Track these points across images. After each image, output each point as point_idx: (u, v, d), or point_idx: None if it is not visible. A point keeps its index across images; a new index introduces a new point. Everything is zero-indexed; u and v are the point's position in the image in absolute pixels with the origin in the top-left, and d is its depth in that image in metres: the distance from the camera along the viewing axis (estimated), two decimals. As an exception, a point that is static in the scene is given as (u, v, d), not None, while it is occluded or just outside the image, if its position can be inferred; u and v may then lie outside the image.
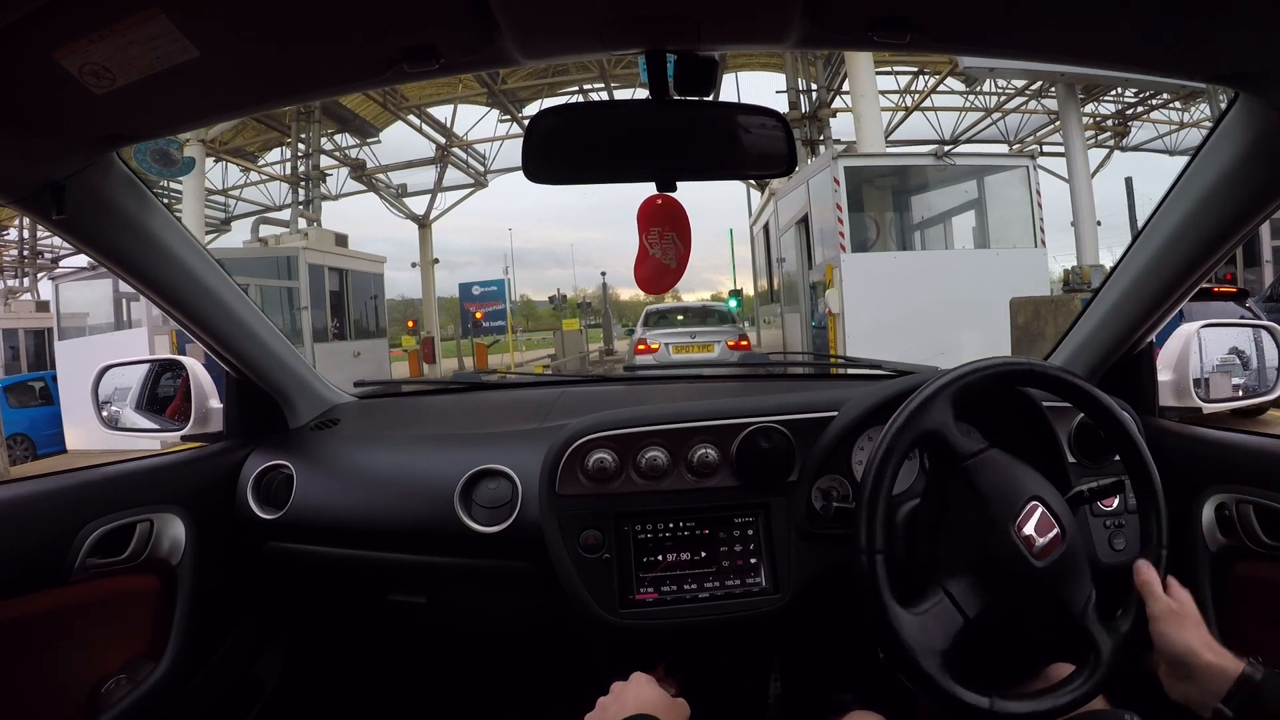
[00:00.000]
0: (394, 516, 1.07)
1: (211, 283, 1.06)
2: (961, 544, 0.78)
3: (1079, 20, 0.64)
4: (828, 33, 0.68)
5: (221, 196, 15.52)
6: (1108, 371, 1.08)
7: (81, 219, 0.86)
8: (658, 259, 0.84)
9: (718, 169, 0.82)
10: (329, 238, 10.39)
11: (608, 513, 0.99)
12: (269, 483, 1.14)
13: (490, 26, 0.63)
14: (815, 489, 0.98)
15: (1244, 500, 0.89)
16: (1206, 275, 0.92)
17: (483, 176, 16.50)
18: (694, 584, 0.98)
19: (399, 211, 15.87)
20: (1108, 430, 0.84)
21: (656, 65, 0.71)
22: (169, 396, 1.26)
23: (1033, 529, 0.75)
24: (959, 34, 0.69)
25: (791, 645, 1.19)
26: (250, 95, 0.77)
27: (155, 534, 1.03)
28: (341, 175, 14.94)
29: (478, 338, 17.34)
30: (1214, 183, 0.83)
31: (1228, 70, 0.70)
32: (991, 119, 14.35)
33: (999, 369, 0.82)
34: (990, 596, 0.75)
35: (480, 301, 18.00)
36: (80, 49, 0.61)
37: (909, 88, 14.04)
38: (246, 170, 14.96)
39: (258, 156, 14.77)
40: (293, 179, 12.80)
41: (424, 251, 16.68)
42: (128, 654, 1.01)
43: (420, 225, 16.41)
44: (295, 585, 1.20)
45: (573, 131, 0.76)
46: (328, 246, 10.16)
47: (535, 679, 1.34)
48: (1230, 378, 1.12)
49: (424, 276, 16.84)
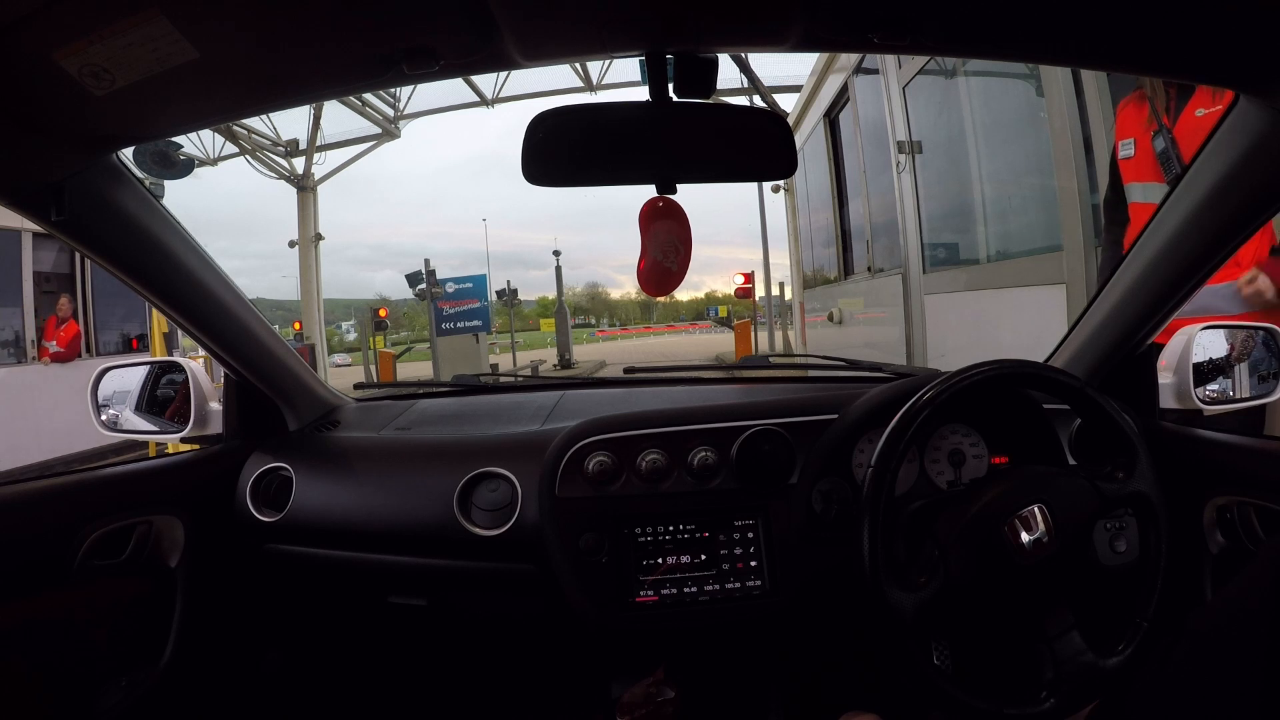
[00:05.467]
0: (393, 519, 1.06)
1: (211, 284, 1.06)
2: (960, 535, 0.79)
3: (1080, 21, 0.64)
4: (827, 34, 0.68)
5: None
6: (1108, 373, 1.08)
7: (81, 220, 0.86)
8: (658, 261, 0.84)
9: (718, 171, 0.82)
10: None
11: (607, 515, 0.99)
12: (268, 485, 1.14)
13: (490, 28, 0.63)
14: (815, 491, 0.98)
15: (1245, 502, 0.89)
16: (1207, 277, 0.92)
17: (393, 124, 12.87)
18: (694, 586, 0.98)
19: (272, 173, 12.50)
20: (1107, 433, 0.84)
21: (656, 66, 0.71)
22: (169, 398, 1.26)
23: (1025, 530, 0.76)
24: (959, 35, 0.69)
25: (791, 647, 1.18)
26: (250, 97, 0.77)
27: (154, 536, 1.03)
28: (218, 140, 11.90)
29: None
30: (1215, 184, 0.83)
31: (1228, 70, 0.70)
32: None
33: (998, 372, 0.82)
34: (974, 582, 0.77)
35: (455, 299, 14.72)
36: (80, 50, 0.61)
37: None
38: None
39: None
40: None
41: (303, 224, 12.53)
42: (126, 656, 1.01)
43: (299, 188, 12.59)
44: (294, 588, 1.20)
45: (572, 133, 0.76)
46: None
47: (535, 681, 1.34)
48: (1231, 379, 1.12)
49: (302, 259, 12.65)
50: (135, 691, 0.99)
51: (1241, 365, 1.12)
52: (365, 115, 12.44)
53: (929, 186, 3.49)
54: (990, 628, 0.89)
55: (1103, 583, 0.93)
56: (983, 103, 2.98)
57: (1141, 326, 1.02)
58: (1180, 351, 1.07)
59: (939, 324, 3.45)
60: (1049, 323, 2.42)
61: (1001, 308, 2.85)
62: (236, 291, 1.11)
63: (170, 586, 1.05)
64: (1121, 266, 1.02)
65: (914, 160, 3.52)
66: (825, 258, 5.59)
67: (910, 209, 3.57)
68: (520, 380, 2.89)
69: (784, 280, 15.11)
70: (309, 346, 11.53)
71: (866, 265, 4.35)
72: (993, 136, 2.95)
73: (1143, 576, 0.81)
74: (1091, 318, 1.09)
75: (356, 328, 24.67)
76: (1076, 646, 0.77)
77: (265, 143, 12.40)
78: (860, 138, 4.26)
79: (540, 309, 54.35)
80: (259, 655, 1.25)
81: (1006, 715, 0.74)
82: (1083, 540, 0.80)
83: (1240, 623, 0.50)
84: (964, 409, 1.03)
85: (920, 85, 3.46)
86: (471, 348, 13.88)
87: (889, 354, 3.86)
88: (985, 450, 1.03)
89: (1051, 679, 0.76)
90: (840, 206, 4.96)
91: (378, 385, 4.47)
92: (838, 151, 4.91)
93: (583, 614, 0.97)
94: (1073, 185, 2.37)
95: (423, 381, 2.11)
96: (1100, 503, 0.80)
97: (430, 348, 14.33)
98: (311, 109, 11.63)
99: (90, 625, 0.96)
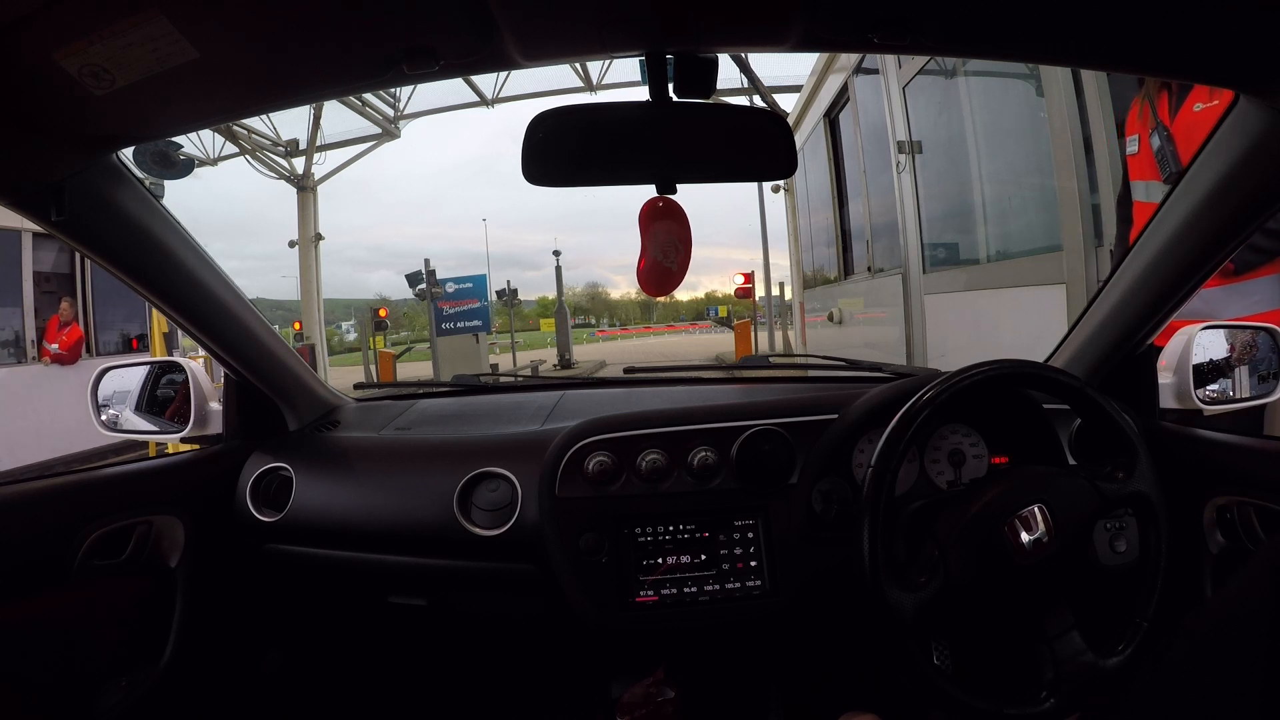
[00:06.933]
0: (393, 519, 1.06)
1: (211, 284, 1.06)
2: (960, 535, 0.79)
3: (1080, 21, 0.64)
4: (827, 34, 0.68)
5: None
6: (1108, 373, 1.08)
7: (81, 220, 0.86)
8: (658, 261, 0.84)
9: (718, 171, 0.82)
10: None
11: (607, 515, 0.99)
12: (268, 485, 1.14)
13: (490, 28, 0.63)
14: (815, 491, 0.98)
15: (1245, 502, 0.89)
16: (1207, 277, 0.92)
17: (393, 124, 12.83)
18: (694, 586, 0.98)
19: (272, 173, 12.51)
20: (1107, 433, 0.84)
21: (656, 67, 0.71)
22: (169, 398, 1.25)
23: (1025, 530, 0.76)
24: (959, 35, 0.69)
25: (791, 647, 1.18)
26: (250, 97, 0.77)
27: (154, 536, 1.03)
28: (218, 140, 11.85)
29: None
30: (1215, 184, 0.83)
31: (1228, 70, 0.70)
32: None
33: (998, 372, 0.82)
34: (973, 581, 0.77)
35: (455, 299, 14.63)
36: (80, 50, 0.61)
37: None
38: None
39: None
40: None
41: (303, 224, 12.56)
42: (126, 656, 1.01)
43: (299, 188, 12.62)
44: (294, 588, 1.20)
45: (572, 133, 0.76)
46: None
47: (535, 681, 1.34)
48: (1231, 379, 1.12)
49: (302, 259, 12.65)
50: (135, 691, 0.99)
51: (1241, 365, 1.12)
52: (365, 115, 12.38)
53: (929, 186, 3.49)
54: (990, 628, 0.89)
55: (1103, 583, 0.93)
56: (983, 103, 2.98)
57: (1141, 326, 1.02)
58: (1180, 351, 1.07)
59: (939, 324, 3.46)
60: (1049, 323, 2.42)
61: (1001, 308, 2.86)
62: (236, 291, 1.11)
63: (170, 586, 1.05)
64: (1121, 267, 1.02)
65: (914, 160, 3.52)
66: (825, 258, 5.59)
67: (910, 209, 3.57)
68: (520, 380, 2.89)
69: (784, 280, 15.13)
70: (309, 346, 11.51)
71: (866, 265, 4.35)
72: (993, 136, 2.96)
73: (1143, 576, 0.81)
74: (1091, 318, 1.09)
75: (356, 328, 24.65)
76: (1076, 646, 0.77)
77: (265, 143, 12.34)
78: (860, 138, 4.25)
79: (540, 309, 54.37)
80: (259, 655, 1.25)
81: (1006, 715, 0.74)
82: (1083, 540, 0.80)
83: (1240, 622, 0.50)
84: (964, 409, 1.03)
85: (920, 85, 3.46)
86: (471, 348, 13.86)
87: (889, 354, 3.84)
88: (985, 450, 1.03)
89: (1051, 679, 0.76)
90: (840, 206, 4.95)
91: (378, 385, 4.47)
92: (838, 151, 4.90)
93: (583, 614, 0.97)
94: (1073, 185, 2.39)
95: (423, 381, 2.11)
96: (1100, 503, 0.80)
97: (430, 348, 14.34)
98: (311, 109, 11.60)
99: (90, 625, 0.96)
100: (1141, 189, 1.92)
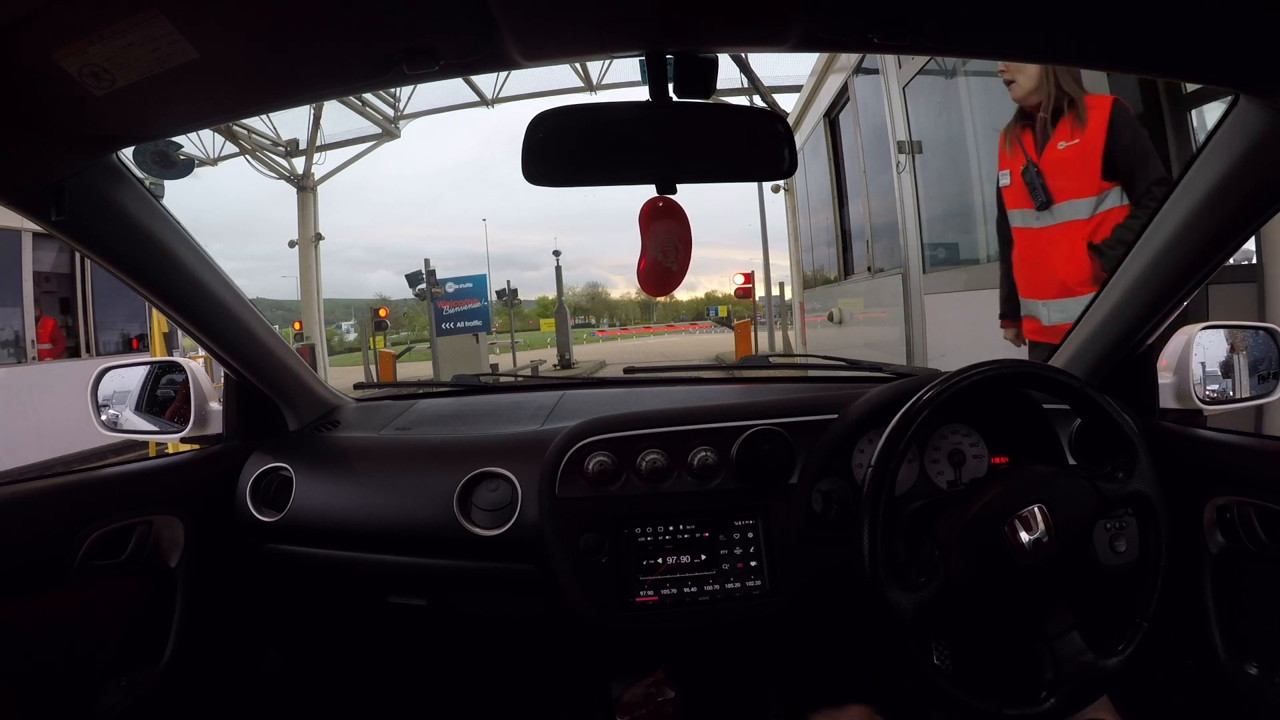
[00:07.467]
0: (393, 519, 1.06)
1: (211, 284, 1.06)
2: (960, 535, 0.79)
3: (1080, 22, 0.64)
4: (827, 34, 0.68)
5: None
6: (1108, 373, 1.08)
7: (81, 220, 0.86)
8: (658, 261, 0.84)
9: (718, 171, 0.82)
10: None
11: (607, 515, 0.99)
12: (268, 485, 1.14)
13: (490, 28, 0.63)
14: (815, 491, 0.98)
15: (1245, 502, 0.89)
16: (1207, 277, 0.92)
17: (393, 124, 12.82)
18: (694, 586, 0.98)
19: (272, 173, 12.53)
20: (1107, 433, 0.84)
21: (656, 67, 0.71)
22: (169, 398, 1.25)
23: (1025, 530, 0.75)
24: (959, 35, 0.69)
25: (791, 647, 1.18)
26: (250, 97, 0.77)
27: (154, 536, 1.03)
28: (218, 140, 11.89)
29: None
30: (1215, 184, 0.83)
31: (1228, 70, 0.70)
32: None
33: (998, 372, 0.82)
34: (974, 581, 0.77)
35: (455, 299, 14.57)
36: (80, 50, 0.61)
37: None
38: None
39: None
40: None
41: (303, 224, 12.52)
42: (126, 656, 1.01)
43: (299, 188, 12.60)
44: (294, 588, 1.20)
45: (572, 133, 0.76)
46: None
47: (535, 681, 1.34)
48: (1231, 379, 1.12)
49: (302, 259, 12.61)
50: (135, 691, 0.99)
51: (1241, 365, 1.12)
52: (365, 115, 12.38)
53: (929, 186, 3.50)
54: (990, 628, 0.89)
55: (1103, 583, 0.93)
56: (983, 103, 2.99)
57: (1141, 326, 1.02)
58: (1180, 351, 1.07)
59: (939, 324, 3.47)
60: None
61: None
62: (236, 291, 1.11)
63: (170, 586, 1.05)
64: (1122, 266, 1.02)
65: (914, 160, 3.53)
66: (825, 258, 5.58)
67: (910, 209, 3.58)
68: (520, 380, 2.89)
69: (784, 280, 15.09)
70: (309, 346, 11.46)
71: (866, 265, 4.35)
72: (993, 136, 2.88)
73: (1143, 576, 0.81)
74: (1091, 318, 1.09)
75: (356, 328, 24.66)
76: (1076, 646, 0.77)
77: (265, 143, 12.37)
78: (860, 138, 4.26)
79: (540, 309, 54.35)
80: (259, 655, 1.25)
81: (1006, 715, 0.74)
82: (1083, 540, 0.80)
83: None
84: (964, 409, 1.03)
85: (920, 85, 3.47)
86: (471, 348, 13.85)
87: (889, 354, 3.84)
88: (985, 450, 1.03)
89: (1051, 679, 0.76)
90: (840, 206, 4.93)
91: (378, 385, 4.47)
92: (838, 151, 4.89)
93: (583, 614, 0.97)
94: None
95: (423, 381, 2.11)
96: (1100, 503, 0.80)
97: (430, 348, 14.33)
98: (311, 109, 11.58)
99: (90, 625, 0.96)
100: (1018, 216, 2.23)
